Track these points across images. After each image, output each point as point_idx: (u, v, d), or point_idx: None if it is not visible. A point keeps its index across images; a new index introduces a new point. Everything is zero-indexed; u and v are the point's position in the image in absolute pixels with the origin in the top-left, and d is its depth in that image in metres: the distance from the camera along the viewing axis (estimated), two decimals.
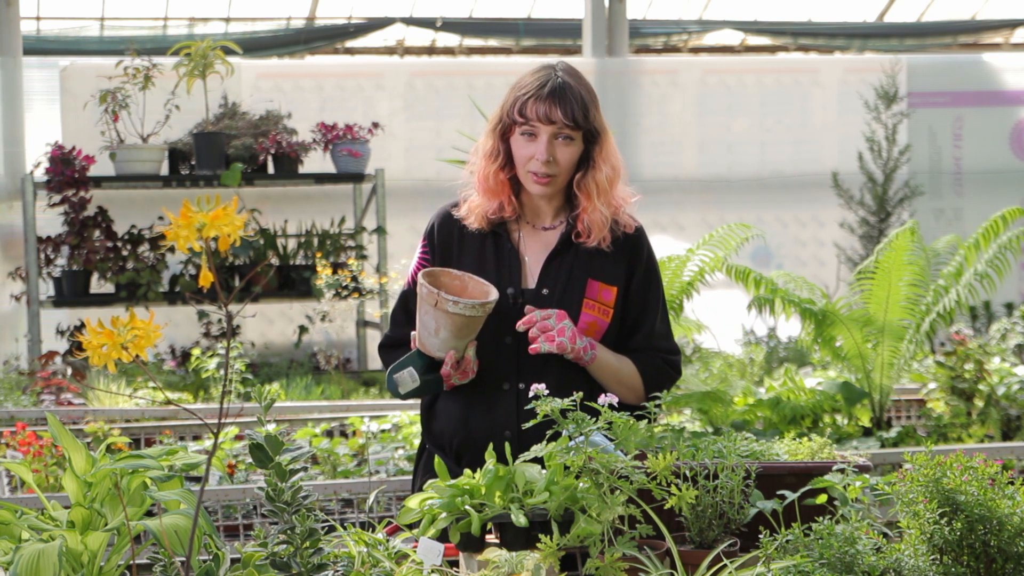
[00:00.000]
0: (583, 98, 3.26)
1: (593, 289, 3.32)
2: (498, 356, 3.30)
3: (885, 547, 2.36)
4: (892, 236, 6.54)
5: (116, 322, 2.19)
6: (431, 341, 3.21)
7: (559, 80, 3.26)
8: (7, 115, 9.78)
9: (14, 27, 10.18)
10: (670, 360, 3.41)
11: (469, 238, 3.37)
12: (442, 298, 3.15)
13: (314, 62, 12.43)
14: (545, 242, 3.37)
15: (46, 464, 5.50)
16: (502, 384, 3.31)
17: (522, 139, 3.27)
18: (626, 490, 2.50)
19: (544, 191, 3.30)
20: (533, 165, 3.26)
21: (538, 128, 3.24)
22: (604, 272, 3.34)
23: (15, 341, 9.46)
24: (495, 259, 3.34)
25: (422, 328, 3.22)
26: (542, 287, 3.33)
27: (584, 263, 3.33)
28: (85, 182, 8.86)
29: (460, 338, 3.20)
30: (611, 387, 3.33)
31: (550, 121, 3.23)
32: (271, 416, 6.17)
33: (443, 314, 3.16)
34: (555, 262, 3.34)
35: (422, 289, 3.18)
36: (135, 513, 2.40)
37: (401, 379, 3.25)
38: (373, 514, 5.27)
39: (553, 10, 12.74)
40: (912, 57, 11.61)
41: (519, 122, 3.26)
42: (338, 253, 9.30)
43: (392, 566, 2.54)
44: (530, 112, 3.24)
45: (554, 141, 3.25)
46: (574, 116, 3.23)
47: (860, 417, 6.53)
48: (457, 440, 3.33)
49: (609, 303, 3.33)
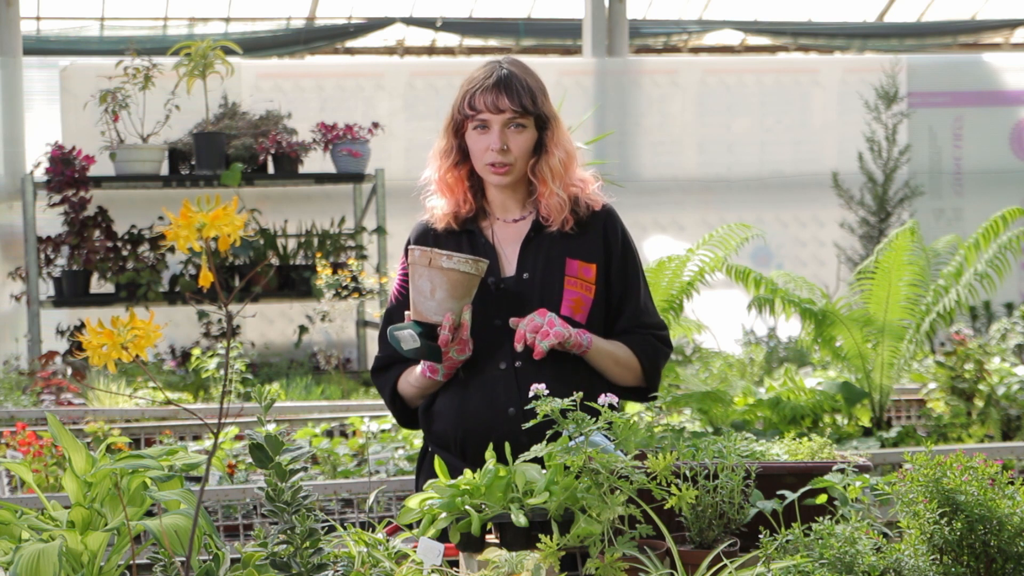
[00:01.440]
0: (529, 85, 3.33)
1: (573, 267, 3.36)
2: (490, 338, 3.33)
3: (885, 547, 2.36)
4: (892, 236, 6.54)
5: (116, 322, 2.19)
6: (427, 305, 3.22)
7: (504, 71, 3.33)
8: (7, 115, 9.78)
9: (14, 27, 10.18)
10: (660, 336, 3.44)
11: (444, 243, 3.41)
12: (436, 255, 3.18)
13: (314, 62, 12.43)
14: (517, 233, 3.42)
15: (46, 464, 5.50)
16: (498, 364, 3.33)
17: (475, 133, 3.34)
18: (626, 490, 2.50)
19: (503, 180, 3.35)
20: (488, 156, 3.32)
21: (489, 119, 3.31)
22: (581, 250, 3.38)
23: (15, 341, 9.47)
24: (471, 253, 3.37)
25: (416, 294, 3.23)
26: (522, 272, 3.37)
27: (560, 244, 3.38)
28: (85, 182, 8.86)
29: (456, 299, 3.21)
30: (610, 370, 3.36)
31: (499, 110, 3.30)
32: (271, 416, 6.17)
33: (438, 272, 3.18)
34: (531, 247, 3.39)
35: (414, 253, 3.22)
36: (135, 513, 2.40)
37: (403, 337, 3.25)
38: (373, 514, 5.27)
39: (553, 10, 12.75)
40: (912, 57, 11.61)
41: (470, 115, 3.33)
42: (338, 253, 9.30)
43: (392, 566, 2.54)
44: (479, 103, 3.31)
45: (506, 130, 3.31)
46: (522, 102, 3.30)
47: (860, 417, 6.53)
48: (460, 431, 3.34)
49: (590, 279, 3.36)
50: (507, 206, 3.43)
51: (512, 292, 3.35)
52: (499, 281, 3.37)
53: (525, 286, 3.35)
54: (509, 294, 3.35)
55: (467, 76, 3.40)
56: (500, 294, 3.35)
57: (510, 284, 3.36)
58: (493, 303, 3.34)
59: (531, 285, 3.35)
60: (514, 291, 3.35)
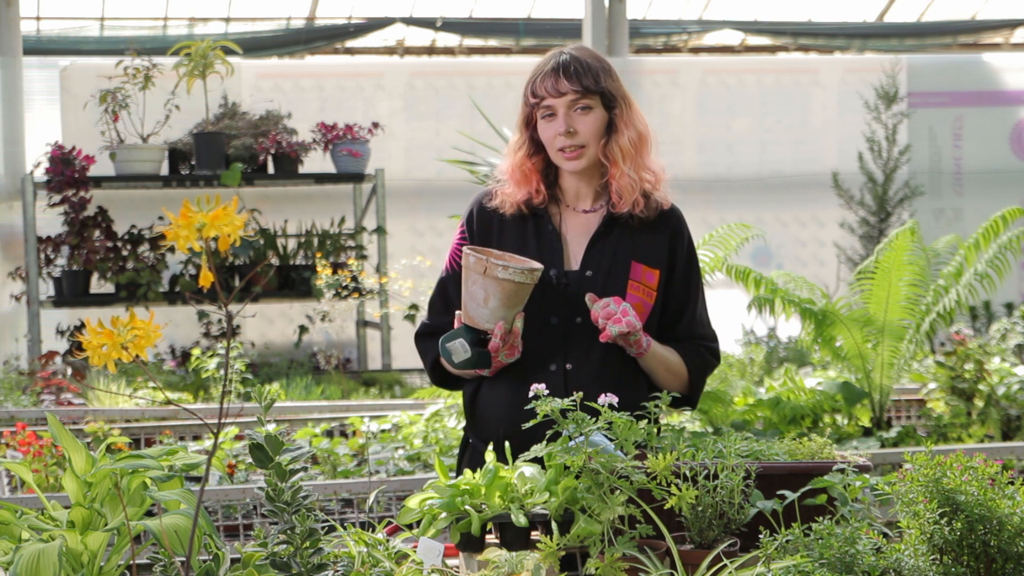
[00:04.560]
0: (591, 65, 3.30)
1: (637, 271, 3.33)
2: (543, 336, 3.30)
3: (885, 547, 2.36)
4: (892, 236, 6.54)
5: (116, 322, 2.19)
6: (479, 312, 3.19)
7: (564, 56, 3.31)
8: (7, 115, 9.78)
9: (14, 27, 10.18)
10: (711, 348, 3.43)
11: (508, 222, 3.38)
12: (491, 264, 3.13)
13: (314, 62, 12.42)
14: (586, 225, 3.37)
15: (46, 464, 5.50)
16: (548, 365, 3.30)
17: (544, 122, 3.30)
18: (626, 490, 2.50)
19: (576, 164, 3.31)
20: (558, 141, 3.29)
21: (553, 104, 3.28)
22: (647, 254, 3.34)
23: (15, 341, 9.47)
24: (536, 240, 3.35)
25: (469, 300, 3.19)
26: (586, 269, 3.33)
27: (627, 245, 3.34)
28: (85, 182, 8.86)
29: (509, 307, 3.17)
30: (660, 375, 3.34)
31: (560, 93, 3.27)
32: (271, 416, 6.17)
33: (492, 281, 3.14)
34: (599, 244, 3.34)
35: (469, 259, 3.17)
36: (135, 513, 2.40)
37: (454, 348, 3.23)
38: (373, 514, 5.27)
39: (553, 10, 12.74)
40: (912, 57, 11.61)
41: (535, 104, 3.30)
42: (338, 253, 9.30)
43: (392, 566, 2.54)
44: (540, 89, 3.29)
45: (571, 113, 3.28)
46: (582, 82, 3.26)
47: (860, 417, 6.53)
48: (504, 429, 3.31)
49: (652, 285, 3.33)
50: (580, 194, 3.39)
51: (573, 290, 3.31)
52: (562, 275, 3.33)
53: (587, 284, 3.31)
54: (570, 291, 3.31)
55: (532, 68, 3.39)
56: (561, 289, 3.31)
57: (573, 280, 3.32)
58: (552, 299, 3.30)
59: (593, 284, 3.31)
60: (576, 289, 3.31)
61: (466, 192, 9.11)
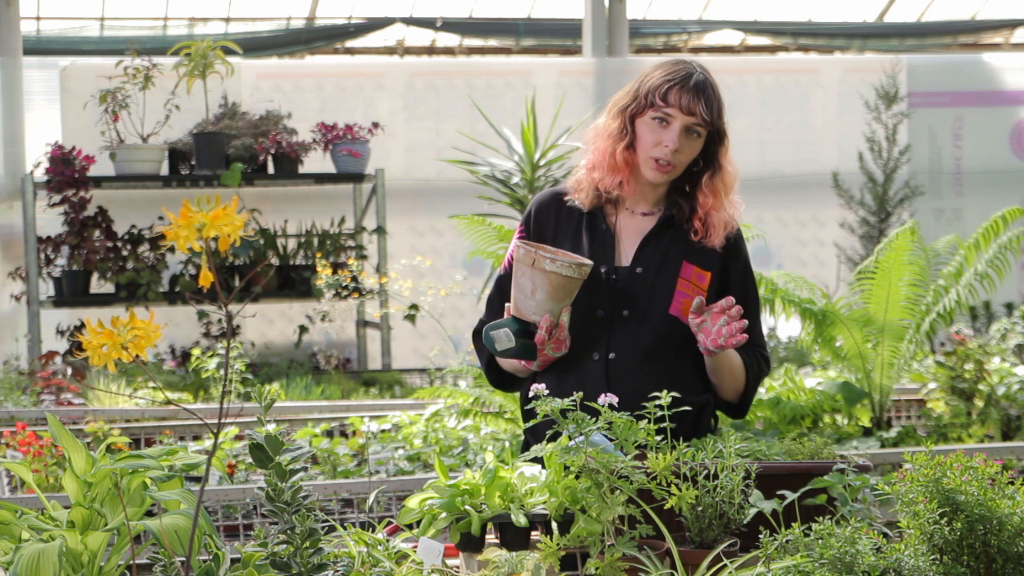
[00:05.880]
0: (718, 98, 3.32)
1: (688, 271, 3.35)
2: (590, 328, 3.31)
3: (885, 547, 2.36)
4: (892, 236, 6.53)
5: (116, 322, 2.19)
6: (527, 304, 3.20)
7: (702, 77, 3.31)
8: (7, 115, 9.78)
9: (14, 27, 10.18)
10: (765, 356, 3.45)
11: (565, 221, 3.40)
12: (540, 256, 3.15)
13: (314, 62, 12.43)
14: (640, 226, 3.40)
15: (46, 464, 5.50)
16: (592, 354, 3.32)
17: (652, 123, 3.29)
18: (626, 490, 2.50)
19: (661, 178, 3.33)
20: (659, 151, 3.28)
21: (674, 117, 3.27)
22: (699, 257, 3.36)
23: (15, 341, 9.47)
24: (589, 239, 3.37)
25: (517, 291, 3.22)
26: (636, 266, 3.35)
27: (680, 247, 3.36)
28: (85, 182, 8.86)
29: (556, 301, 3.18)
30: (724, 377, 3.36)
31: (690, 113, 3.27)
32: (271, 416, 6.17)
33: (540, 273, 3.16)
34: (651, 243, 3.37)
35: (519, 251, 3.19)
36: (135, 513, 2.40)
37: (497, 336, 3.25)
38: (373, 514, 5.27)
39: (553, 10, 12.74)
40: (912, 57, 11.61)
41: (658, 106, 3.28)
42: (338, 253, 9.30)
43: (392, 566, 2.54)
44: (673, 99, 3.27)
45: (685, 133, 3.28)
46: (712, 114, 3.28)
47: (860, 417, 6.53)
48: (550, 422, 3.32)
49: (703, 286, 3.35)
50: (643, 199, 3.41)
51: (622, 285, 3.33)
52: (612, 271, 3.35)
53: (637, 280, 3.33)
54: (618, 286, 3.33)
55: (650, 68, 3.36)
56: (609, 284, 3.33)
57: (622, 275, 3.34)
58: (600, 293, 3.32)
59: (643, 280, 3.33)
60: (624, 284, 3.33)
61: (466, 192, 9.17)
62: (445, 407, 6.45)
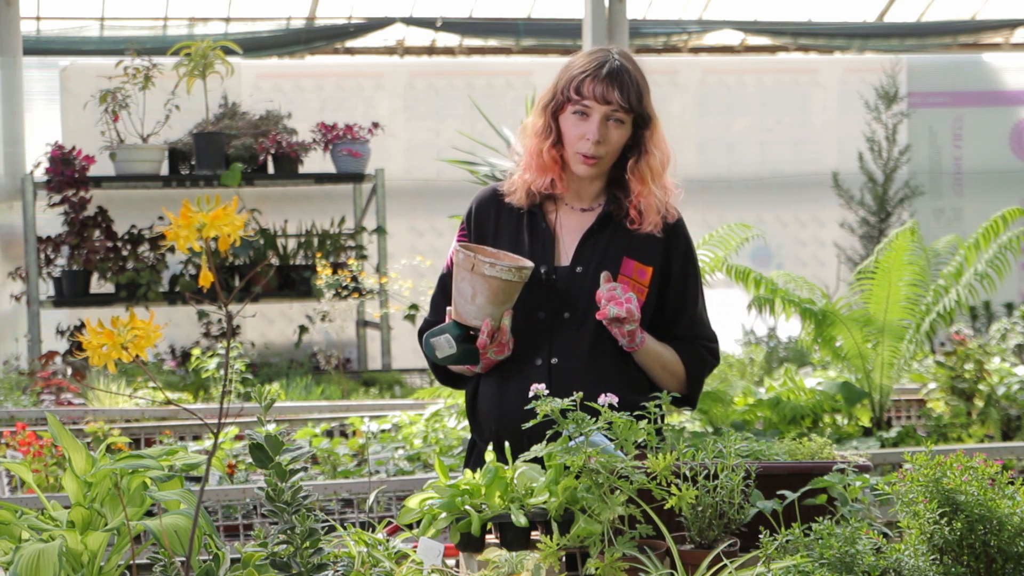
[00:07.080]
0: (638, 83, 3.29)
1: (628, 267, 3.32)
2: (531, 331, 3.30)
3: (885, 547, 2.36)
4: (892, 236, 6.54)
5: (116, 322, 2.19)
6: (467, 308, 3.19)
7: (616, 63, 3.28)
8: (7, 115, 9.77)
9: (14, 27, 10.17)
10: (710, 348, 3.42)
11: (505, 219, 3.38)
12: (479, 260, 3.14)
13: (314, 62, 12.42)
14: (580, 223, 3.37)
15: (46, 464, 5.50)
16: (535, 359, 3.31)
17: (573, 118, 3.28)
18: (626, 490, 2.50)
19: (590, 172, 3.31)
20: (582, 145, 3.27)
21: (592, 108, 3.26)
22: (640, 251, 3.33)
23: (15, 341, 9.46)
24: (529, 237, 3.35)
25: (458, 296, 3.20)
26: (576, 265, 3.33)
27: (620, 242, 3.33)
28: (85, 182, 8.86)
29: (496, 305, 3.17)
30: (656, 373, 3.35)
31: (606, 102, 3.25)
32: (271, 416, 6.17)
33: (480, 278, 3.15)
34: (591, 240, 3.34)
35: (459, 255, 3.18)
36: (135, 513, 2.40)
37: (438, 343, 3.24)
38: (373, 514, 5.27)
39: (553, 10, 12.73)
40: (912, 57, 11.60)
41: (574, 100, 3.27)
42: (338, 253, 9.30)
43: (392, 566, 2.54)
44: (586, 91, 3.26)
45: (606, 123, 3.26)
46: (629, 99, 3.25)
47: (860, 417, 6.53)
48: (495, 425, 3.31)
49: (644, 282, 3.32)
50: (581, 194, 3.39)
51: (562, 285, 3.32)
52: (551, 271, 3.33)
53: (577, 280, 3.32)
54: (558, 287, 3.31)
55: (571, 59, 3.35)
56: (549, 285, 3.31)
57: (562, 275, 3.33)
58: (541, 294, 3.31)
59: (583, 279, 3.31)
60: (564, 284, 3.32)
61: (466, 192, 9.12)
62: (445, 407, 6.45)
